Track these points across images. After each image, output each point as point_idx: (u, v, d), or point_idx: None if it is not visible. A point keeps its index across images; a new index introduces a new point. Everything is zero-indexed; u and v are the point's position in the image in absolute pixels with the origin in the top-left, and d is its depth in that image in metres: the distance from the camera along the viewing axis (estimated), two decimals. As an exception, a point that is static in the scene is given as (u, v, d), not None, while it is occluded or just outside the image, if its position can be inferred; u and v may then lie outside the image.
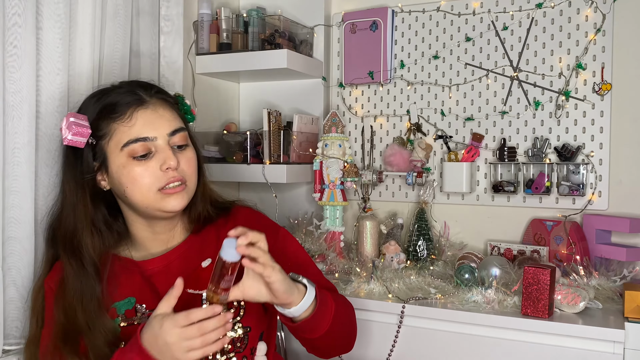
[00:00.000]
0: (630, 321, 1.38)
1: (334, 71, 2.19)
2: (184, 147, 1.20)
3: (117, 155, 1.16)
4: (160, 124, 1.16)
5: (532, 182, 1.84)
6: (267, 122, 1.94)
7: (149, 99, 1.18)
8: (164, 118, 1.17)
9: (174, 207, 1.17)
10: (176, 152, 1.18)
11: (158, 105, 1.19)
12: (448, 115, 2.00)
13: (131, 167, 1.15)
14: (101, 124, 1.16)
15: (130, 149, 1.14)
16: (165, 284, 1.15)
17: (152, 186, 1.15)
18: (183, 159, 1.19)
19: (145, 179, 1.15)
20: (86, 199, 1.19)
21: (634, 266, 1.69)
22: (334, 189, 1.97)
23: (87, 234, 1.18)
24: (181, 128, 1.20)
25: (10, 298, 1.31)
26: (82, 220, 1.18)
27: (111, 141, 1.16)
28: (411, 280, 1.70)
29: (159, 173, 1.15)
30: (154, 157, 1.15)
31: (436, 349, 1.53)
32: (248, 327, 1.22)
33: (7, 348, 1.32)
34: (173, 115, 1.20)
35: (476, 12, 1.96)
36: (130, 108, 1.15)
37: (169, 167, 1.15)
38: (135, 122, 1.15)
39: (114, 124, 1.15)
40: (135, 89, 1.20)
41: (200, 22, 2.00)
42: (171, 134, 1.17)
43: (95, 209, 1.21)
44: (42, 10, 1.35)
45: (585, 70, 1.81)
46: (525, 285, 1.44)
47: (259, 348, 1.26)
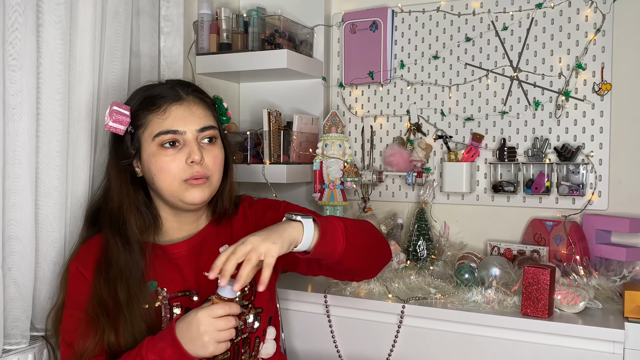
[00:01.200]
0: (630, 321, 1.38)
1: (334, 71, 2.19)
2: (212, 143, 1.28)
3: (149, 144, 1.25)
4: (191, 120, 1.25)
5: (532, 182, 1.84)
6: (267, 122, 1.95)
7: (185, 96, 1.28)
8: (196, 115, 1.27)
9: (194, 199, 1.25)
10: (203, 148, 1.27)
11: (192, 103, 1.28)
12: (448, 115, 2.01)
13: (160, 156, 1.24)
14: (140, 115, 1.26)
15: (160, 139, 1.24)
16: (189, 267, 1.29)
17: (177, 176, 1.24)
18: (209, 155, 1.27)
19: (171, 168, 1.23)
20: (128, 182, 1.28)
21: (634, 266, 1.70)
22: (334, 189, 1.97)
23: (132, 213, 1.27)
24: (211, 126, 1.29)
25: (10, 298, 1.31)
26: (125, 200, 1.27)
27: (146, 131, 1.26)
28: (411, 280, 1.70)
29: (184, 165, 1.24)
30: (181, 149, 1.24)
31: (436, 349, 1.53)
32: (260, 308, 1.32)
33: (8, 348, 1.32)
34: (205, 113, 1.29)
35: (476, 12, 1.96)
36: (166, 103, 1.26)
37: (193, 161, 1.23)
38: (168, 116, 1.24)
39: (150, 115, 1.25)
40: (176, 86, 1.30)
41: (200, 22, 2.00)
42: (200, 130, 1.26)
43: (136, 191, 1.30)
44: (43, 10, 1.35)
45: (585, 70, 1.81)
46: (525, 285, 1.44)
47: (269, 332, 1.35)
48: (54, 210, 1.39)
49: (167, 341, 1.09)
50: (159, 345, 1.10)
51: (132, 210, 1.26)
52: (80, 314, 1.20)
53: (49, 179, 1.38)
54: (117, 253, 1.23)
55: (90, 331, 1.17)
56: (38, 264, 1.38)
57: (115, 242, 1.24)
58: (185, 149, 1.24)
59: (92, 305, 1.19)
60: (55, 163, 1.38)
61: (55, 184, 1.38)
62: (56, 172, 1.38)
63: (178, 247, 1.31)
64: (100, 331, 1.17)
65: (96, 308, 1.19)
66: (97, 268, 1.24)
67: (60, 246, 1.41)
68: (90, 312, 1.19)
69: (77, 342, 1.17)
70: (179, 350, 1.08)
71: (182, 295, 1.27)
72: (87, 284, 1.23)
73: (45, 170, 1.37)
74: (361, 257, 1.24)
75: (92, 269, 1.24)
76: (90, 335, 1.16)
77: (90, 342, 1.16)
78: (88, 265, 1.24)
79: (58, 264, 1.40)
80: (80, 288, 1.23)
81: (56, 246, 1.40)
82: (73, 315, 1.21)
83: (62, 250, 1.41)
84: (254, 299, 1.32)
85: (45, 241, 1.38)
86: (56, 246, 1.40)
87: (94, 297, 1.20)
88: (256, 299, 1.32)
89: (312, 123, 2.09)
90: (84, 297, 1.21)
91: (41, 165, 1.37)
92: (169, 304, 1.25)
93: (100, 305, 1.19)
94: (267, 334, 1.35)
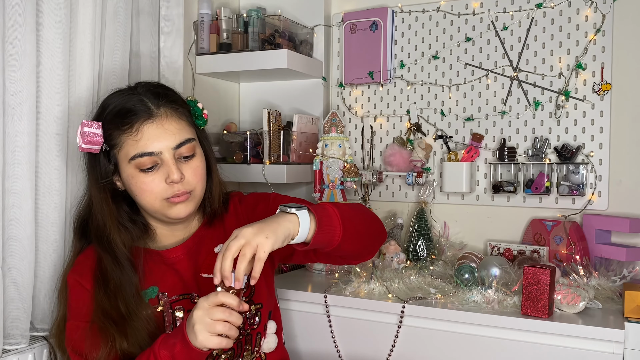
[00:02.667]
0: (630, 321, 1.38)
1: (334, 71, 2.19)
2: (190, 157, 1.24)
3: (126, 165, 1.22)
4: (165, 138, 1.20)
5: (532, 182, 1.84)
6: (267, 122, 1.95)
7: (156, 110, 1.22)
8: (169, 132, 1.21)
9: (178, 214, 1.24)
10: (182, 164, 1.23)
11: (164, 117, 1.22)
12: (448, 115, 2.01)
13: (138, 177, 1.21)
14: (113, 134, 1.22)
15: (137, 162, 1.20)
16: (188, 270, 1.29)
17: (159, 195, 1.22)
18: (189, 170, 1.23)
19: (151, 190, 1.21)
20: (108, 199, 1.25)
21: (634, 266, 1.69)
22: (334, 189, 1.97)
23: (115, 232, 1.24)
24: (187, 140, 1.24)
25: (10, 298, 1.31)
26: (108, 219, 1.24)
27: (121, 152, 1.22)
28: (411, 280, 1.70)
29: (164, 185, 1.21)
30: (160, 169, 1.21)
31: (436, 349, 1.53)
32: (260, 303, 1.32)
33: (7, 348, 1.32)
34: (180, 126, 1.24)
35: (476, 12, 1.96)
36: (138, 122, 1.20)
37: (172, 181, 1.20)
38: (141, 137, 1.19)
39: (122, 135, 1.20)
40: (146, 97, 1.23)
41: (200, 22, 2.00)
42: (176, 147, 1.22)
43: (117, 207, 1.27)
44: (43, 10, 1.35)
45: (585, 70, 1.81)
46: (525, 285, 1.44)
47: (269, 326, 1.35)
48: (54, 211, 1.39)
49: (178, 336, 1.09)
50: (171, 341, 1.10)
51: (116, 229, 1.24)
52: (85, 324, 1.19)
53: (48, 179, 1.38)
54: (111, 268, 1.22)
55: (101, 340, 1.16)
56: (38, 264, 1.37)
57: (107, 259, 1.23)
58: (163, 169, 1.21)
59: (98, 315, 1.19)
60: (55, 163, 1.38)
61: (55, 185, 1.38)
62: (56, 173, 1.38)
63: (174, 252, 1.31)
64: (112, 339, 1.16)
65: (102, 318, 1.18)
66: (96, 280, 1.22)
67: (60, 246, 1.41)
68: (96, 321, 1.18)
69: (88, 352, 1.16)
70: (186, 345, 1.07)
71: (184, 298, 1.27)
72: (88, 295, 1.22)
73: (45, 171, 1.37)
74: (358, 240, 1.23)
75: (90, 280, 1.23)
76: (101, 344, 1.16)
77: (103, 351, 1.15)
78: (86, 277, 1.23)
79: (58, 263, 1.40)
80: (82, 299, 1.22)
81: (56, 246, 1.40)
82: (79, 326, 1.20)
83: (62, 251, 1.41)
84: (252, 295, 1.31)
85: (45, 241, 1.38)
86: (56, 246, 1.40)
87: (98, 307, 1.20)
88: (255, 294, 1.32)
89: (312, 123, 2.09)
90: (87, 308, 1.20)
91: (41, 166, 1.37)
92: (170, 307, 1.25)
93: (106, 315, 1.18)
94: (267, 328, 1.35)
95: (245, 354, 1.31)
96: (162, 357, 1.09)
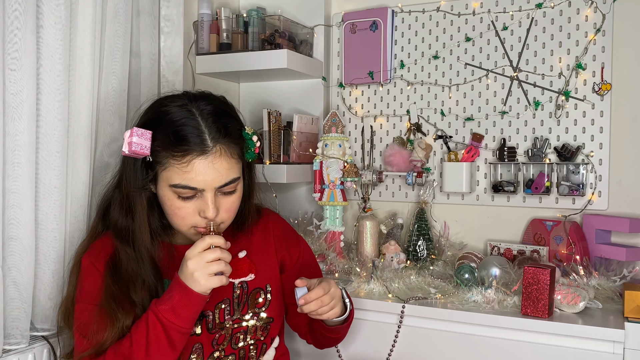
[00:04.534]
0: (630, 321, 1.38)
1: (334, 71, 2.19)
2: (230, 193, 1.23)
3: (165, 186, 1.20)
4: (213, 178, 1.18)
5: (532, 182, 1.84)
6: (267, 122, 1.95)
7: (212, 146, 1.17)
8: (219, 172, 1.18)
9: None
10: (219, 198, 1.22)
11: (218, 155, 1.18)
12: (448, 115, 2.01)
13: (174, 202, 1.20)
14: (161, 153, 1.18)
15: (178, 191, 1.19)
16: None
17: (188, 222, 1.22)
18: (224, 206, 1.22)
19: (183, 216, 1.21)
20: (144, 203, 1.24)
21: (634, 266, 1.69)
22: (334, 189, 1.97)
23: (146, 235, 1.24)
24: (233, 180, 1.21)
25: (10, 298, 1.31)
26: (140, 222, 1.24)
27: (164, 171, 1.19)
28: (411, 280, 1.70)
29: (197, 217, 1.21)
30: (196, 200, 1.20)
31: (436, 349, 1.53)
32: (271, 317, 1.35)
33: (8, 348, 1.32)
34: (230, 165, 1.20)
35: (476, 12, 1.96)
36: (190, 154, 1.16)
37: (206, 217, 1.20)
38: (190, 170, 1.16)
39: (171, 159, 1.17)
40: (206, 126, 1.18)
41: (200, 22, 2.00)
42: (220, 187, 1.20)
43: (151, 211, 1.26)
44: (43, 10, 1.35)
45: (585, 70, 1.81)
46: (525, 285, 1.44)
47: (274, 340, 1.39)
48: (54, 210, 1.38)
49: (173, 289, 1.13)
50: (166, 296, 1.14)
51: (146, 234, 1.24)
52: (94, 307, 1.20)
53: (48, 178, 1.38)
54: (128, 261, 1.23)
55: (108, 324, 1.17)
56: (38, 264, 1.37)
57: (126, 252, 1.24)
58: (200, 201, 1.19)
59: (106, 297, 1.20)
60: (55, 163, 1.38)
61: (55, 184, 1.38)
62: (56, 172, 1.38)
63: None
64: (118, 321, 1.18)
65: (110, 300, 1.20)
66: (108, 265, 1.24)
67: (60, 246, 1.41)
68: (104, 305, 1.19)
69: (92, 335, 1.18)
70: (185, 292, 1.12)
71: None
72: (101, 278, 1.23)
73: (45, 170, 1.37)
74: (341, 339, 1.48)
75: (104, 262, 1.25)
76: (108, 327, 1.17)
77: (109, 334, 1.17)
78: (101, 259, 1.25)
79: (58, 264, 1.40)
80: (95, 281, 1.23)
81: (56, 246, 1.40)
82: (87, 308, 1.21)
83: (62, 250, 1.41)
84: (267, 307, 1.35)
85: (45, 241, 1.38)
86: (56, 246, 1.40)
87: (107, 291, 1.21)
88: (269, 308, 1.34)
89: (312, 123, 2.09)
90: (99, 291, 1.22)
91: (41, 165, 1.37)
92: None
93: (114, 298, 1.20)
94: (272, 341, 1.38)
95: None
96: (162, 311, 1.12)
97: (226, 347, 1.29)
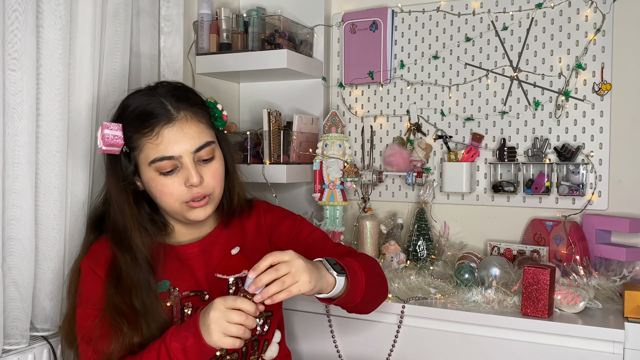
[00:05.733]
0: (630, 321, 1.38)
1: (334, 71, 2.19)
2: (209, 160, 1.25)
3: (146, 168, 1.23)
4: (185, 142, 1.21)
5: (532, 182, 1.84)
6: (267, 122, 1.95)
7: (176, 114, 1.22)
8: (189, 135, 1.22)
9: (197, 217, 1.26)
10: (201, 167, 1.24)
11: (184, 121, 1.22)
12: (448, 115, 2.01)
13: (158, 180, 1.22)
14: (133, 137, 1.22)
15: (157, 166, 1.21)
16: (201, 267, 1.30)
17: (178, 198, 1.23)
18: (208, 173, 1.25)
19: (171, 192, 1.22)
20: (130, 200, 1.26)
21: (634, 266, 1.69)
22: (334, 189, 1.97)
23: (136, 233, 1.25)
24: (206, 143, 1.24)
25: (10, 298, 1.31)
26: (129, 220, 1.25)
27: (141, 154, 1.22)
28: (411, 280, 1.70)
29: (183, 188, 1.22)
30: (179, 172, 1.22)
31: (436, 349, 1.53)
32: (270, 311, 1.34)
33: (7, 348, 1.32)
34: (199, 129, 1.24)
35: (476, 12, 1.96)
36: (158, 125, 1.20)
37: (192, 185, 1.21)
38: (161, 141, 1.20)
39: (143, 138, 1.21)
40: (166, 99, 1.23)
41: (200, 22, 2.00)
42: (196, 151, 1.22)
43: (139, 208, 1.28)
44: (43, 10, 1.35)
45: (585, 70, 1.81)
46: (525, 285, 1.44)
47: (275, 335, 1.38)
48: (54, 210, 1.38)
49: (191, 330, 1.10)
50: (183, 334, 1.11)
51: (137, 231, 1.25)
52: (96, 312, 1.20)
53: (48, 178, 1.38)
54: (126, 267, 1.23)
55: (113, 334, 1.17)
56: (38, 263, 1.37)
57: (124, 257, 1.24)
58: (182, 172, 1.22)
59: (109, 309, 1.19)
60: (55, 162, 1.38)
61: (55, 184, 1.38)
62: (56, 172, 1.38)
63: (190, 248, 1.32)
64: (123, 335, 1.17)
65: (113, 313, 1.19)
66: (109, 272, 1.24)
67: (60, 246, 1.41)
68: (107, 316, 1.19)
69: (98, 342, 1.17)
70: (199, 340, 1.09)
71: (194, 295, 1.27)
72: (100, 283, 1.23)
73: (45, 170, 1.37)
74: (369, 304, 1.33)
75: (104, 268, 1.24)
76: (113, 338, 1.16)
77: (115, 345, 1.16)
78: (100, 265, 1.25)
79: (58, 263, 1.40)
80: (94, 286, 1.23)
81: (56, 246, 1.40)
82: (90, 314, 1.21)
83: (62, 250, 1.41)
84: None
85: (45, 241, 1.38)
86: (56, 246, 1.40)
87: (109, 302, 1.20)
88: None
89: (312, 123, 2.09)
90: (99, 296, 1.21)
91: (41, 165, 1.37)
92: (180, 303, 1.26)
93: (117, 311, 1.19)
94: (273, 336, 1.38)
95: (252, 358, 1.32)
96: (174, 349, 1.10)
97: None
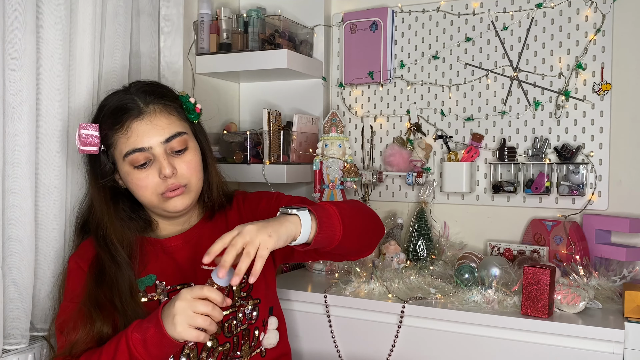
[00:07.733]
0: (630, 321, 1.38)
1: (334, 71, 2.19)
2: (183, 151, 1.26)
3: (121, 163, 1.25)
4: (155, 133, 1.23)
5: (532, 182, 1.84)
6: (267, 122, 1.95)
7: (145, 108, 1.24)
8: (158, 127, 1.23)
9: (175, 208, 1.26)
10: (174, 158, 1.25)
11: (153, 114, 1.24)
12: (448, 115, 2.01)
13: (133, 174, 1.24)
14: (107, 134, 1.25)
15: (130, 159, 1.23)
16: (186, 260, 1.30)
17: (154, 190, 1.24)
18: (182, 164, 1.25)
19: (146, 185, 1.24)
20: (107, 197, 1.28)
21: (634, 266, 1.69)
22: (334, 189, 1.97)
23: (112, 230, 1.26)
24: (177, 133, 1.25)
25: (10, 298, 1.31)
26: (105, 217, 1.27)
27: (116, 150, 1.25)
28: (411, 280, 1.70)
29: (158, 180, 1.24)
30: (153, 164, 1.24)
31: (436, 349, 1.53)
32: (257, 299, 1.34)
33: (7, 348, 1.32)
34: (169, 121, 1.26)
35: (476, 12, 1.96)
36: (128, 120, 1.23)
37: (165, 175, 1.22)
38: (131, 134, 1.22)
39: (115, 134, 1.24)
40: (137, 96, 1.26)
41: (200, 22, 2.00)
42: (166, 142, 1.24)
43: (116, 205, 1.30)
44: (43, 10, 1.35)
45: (585, 70, 1.81)
46: (525, 285, 1.44)
47: (270, 322, 1.37)
48: (54, 210, 1.39)
49: (153, 321, 1.08)
50: (145, 325, 1.09)
51: (113, 227, 1.26)
52: (75, 305, 1.21)
53: (48, 178, 1.38)
54: (108, 265, 1.24)
55: (82, 323, 1.18)
56: (38, 263, 1.38)
57: (105, 255, 1.25)
58: (156, 164, 1.23)
59: (86, 301, 1.21)
60: (55, 163, 1.38)
61: (55, 184, 1.38)
62: (56, 172, 1.39)
63: (174, 241, 1.33)
64: (91, 324, 1.17)
65: (89, 305, 1.20)
66: (92, 266, 1.25)
67: (60, 246, 1.41)
68: (84, 308, 1.20)
69: (70, 333, 1.18)
70: (160, 331, 1.06)
71: (181, 287, 1.28)
72: (84, 277, 1.24)
73: (45, 170, 1.37)
74: (357, 238, 1.23)
75: (89, 262, 1.26)
76: (80, 326, 1.17)
77: (81, 334, 1.17)
78: (86, 259, 1.27)
79: (58, 263, 1.40)
80: (78, 281, 1.25)
81: (56, 246, 1.40)
82: (69, 306, 1.22)
83: (61, 250, 1.41)
84: (251, 290, 1.34)
85: (45, 241, 1.38)
86: (56, 246, 1.40)
87: (89, 293, 1.22)
88: (253, 290, 1.34)
89: (312, 123, 2.09)
90: (81, 290, 1.23)
91: (41, 165, 1.37)
92: (167, 296, 1.26)
93: (93, 302, 1.20)
94: (268, 324, 1.37)
95: (243, 348, 1.32)
96: (134, 339, 1.08)
97: (219, 336, 1.29)
